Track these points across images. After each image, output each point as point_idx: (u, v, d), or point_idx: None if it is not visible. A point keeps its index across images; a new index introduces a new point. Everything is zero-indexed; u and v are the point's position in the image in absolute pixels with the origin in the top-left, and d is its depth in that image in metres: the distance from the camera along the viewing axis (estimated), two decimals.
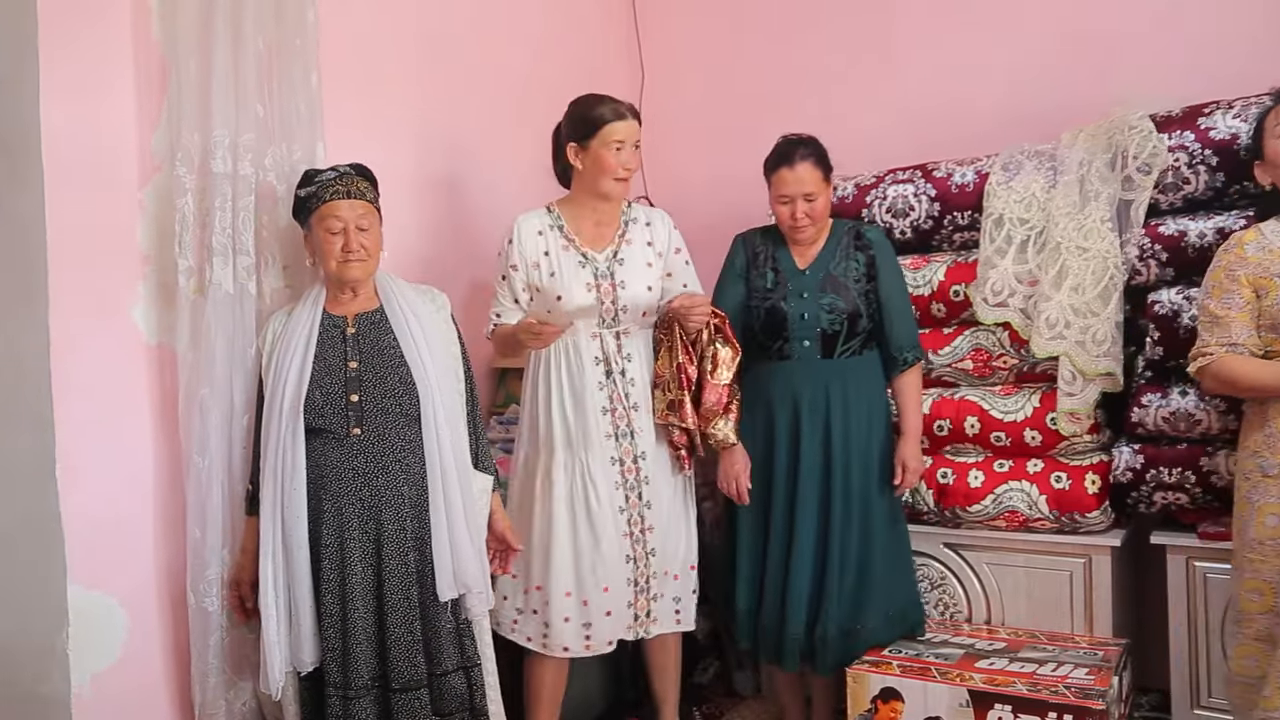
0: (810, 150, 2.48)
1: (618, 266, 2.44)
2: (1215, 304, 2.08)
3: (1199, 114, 2.47)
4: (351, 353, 2.08)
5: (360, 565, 2.02)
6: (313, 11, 2.28)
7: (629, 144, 2.39)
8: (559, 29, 3.40)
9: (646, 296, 2.44)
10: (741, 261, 2.60)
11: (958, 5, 3.17)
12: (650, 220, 2.54)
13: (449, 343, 2.22)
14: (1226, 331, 2.06)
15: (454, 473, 2.09)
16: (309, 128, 2.28)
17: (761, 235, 2.63)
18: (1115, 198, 2.51)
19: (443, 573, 2.06)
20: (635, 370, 2.43)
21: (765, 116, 3.46)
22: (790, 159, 2.46)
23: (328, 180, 2.11)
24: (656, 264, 2.49)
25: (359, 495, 2.04)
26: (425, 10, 2.85)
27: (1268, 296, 2.01)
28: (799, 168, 2.45)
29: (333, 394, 2.04)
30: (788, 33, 3.48)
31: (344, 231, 2.08)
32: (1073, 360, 2.46)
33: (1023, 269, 2.58)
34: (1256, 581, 2.01)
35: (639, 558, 2.41)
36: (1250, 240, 2.08)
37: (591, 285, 2.40)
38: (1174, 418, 2.37)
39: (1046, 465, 2.57)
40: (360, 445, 2.04)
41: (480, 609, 2.16)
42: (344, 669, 2.00)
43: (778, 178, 2.48)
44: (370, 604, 2.03)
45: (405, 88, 2.77)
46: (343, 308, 2.14)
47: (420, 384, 2.08)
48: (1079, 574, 2.52)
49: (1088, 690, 2.15)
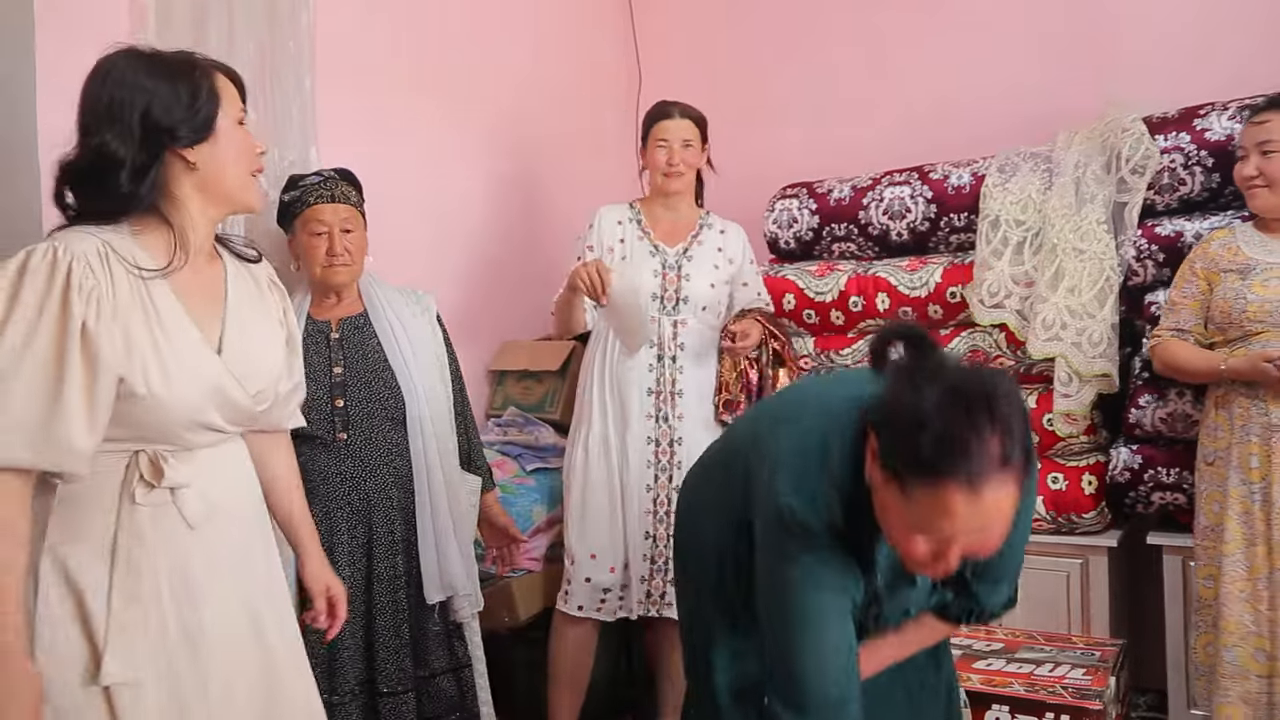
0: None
1: (685, 261, 2.54)
2: (1175, 292, 2.24)
3: (1194, 115, 2.48)
4: (336, 357, 2.08)
5: (349, 570, 2.02)
6: (307, 15, 2.29)
7: (674, 141, 2.50)
8: (555, 33, 3.40)
9: (709, 292, 2.52)
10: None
11: (954, 8, 3.18)
12: (725, 230, 2.62)
13: (435, 345, 2.22)
14: (1177, 318, 2.21)
15: (440, 476, 2.10)
16: (302, 132, 2.28)
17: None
18: (1111, 199, 2.52)
19: (429, 576, 2.07)
20: (686, 359, 2.49)
21: (762, 119, 3.48)
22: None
23: (312, 184, 2.11)
24: (725, 268, 2.57)
25: (348, 499, 2.04)
26: (420, 13, 2.85)
27: (1215, 290, 2.14)
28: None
29: (318, 399, 2.03)
30: (784, 36, 3.48)
31: (328, 235, 2.08)
32: (1069, 361, 2.46)
33: (1019, 270, 2.59)
34: (1209, 568, 2.12)
35: (659, 538, 2.45)
36: (1218, 238, 2.21)
37: (658, 272, 2.51)
38: (1171, 418, 2.38)
39: (1043, 466, 2.57)
40: (348, 450, 2.04)
41: (468, 611, 2.16)
42: (330, 675, 1.98)
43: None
44: (359, 608, 2.02)
45: (399, 92, 2.77)
46: (327, 312, 2.14)
47: (405, 388, 2.08)
48: (1076, 574, 2.52)
49: (1085, 690, 2.15)
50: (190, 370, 1.33)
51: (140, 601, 1.30)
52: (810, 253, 3.02)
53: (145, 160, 1.33)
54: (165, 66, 1.37)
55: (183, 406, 1.32)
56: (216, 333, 1.39)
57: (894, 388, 1.26)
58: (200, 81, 1.38)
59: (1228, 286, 2.11)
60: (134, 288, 1.30)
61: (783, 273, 2.96)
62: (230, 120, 1.40)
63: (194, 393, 1.33)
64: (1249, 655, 2.02)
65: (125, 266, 1.30)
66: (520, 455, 2.78)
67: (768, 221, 3.04)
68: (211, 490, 1.37)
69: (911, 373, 1.26)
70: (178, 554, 1.33)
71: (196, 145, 1.36)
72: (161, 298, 1.33)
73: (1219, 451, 2.11)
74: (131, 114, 1.33)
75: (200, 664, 1.34)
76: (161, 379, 1.29)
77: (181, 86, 1.36)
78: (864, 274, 2.82)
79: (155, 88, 1.34)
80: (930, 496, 1.17)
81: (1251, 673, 2.02)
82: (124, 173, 1.32)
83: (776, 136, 3.43)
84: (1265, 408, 2.03)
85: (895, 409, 1.23)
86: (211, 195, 1.39)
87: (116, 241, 1.31)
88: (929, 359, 1.31)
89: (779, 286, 2.91)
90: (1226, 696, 2.04)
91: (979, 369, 1.39)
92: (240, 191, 1.42)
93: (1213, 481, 2.13)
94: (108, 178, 1.32)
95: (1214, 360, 2.10)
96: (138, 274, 1.31)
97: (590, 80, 3.50)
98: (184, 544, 1.34)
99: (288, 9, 2.24)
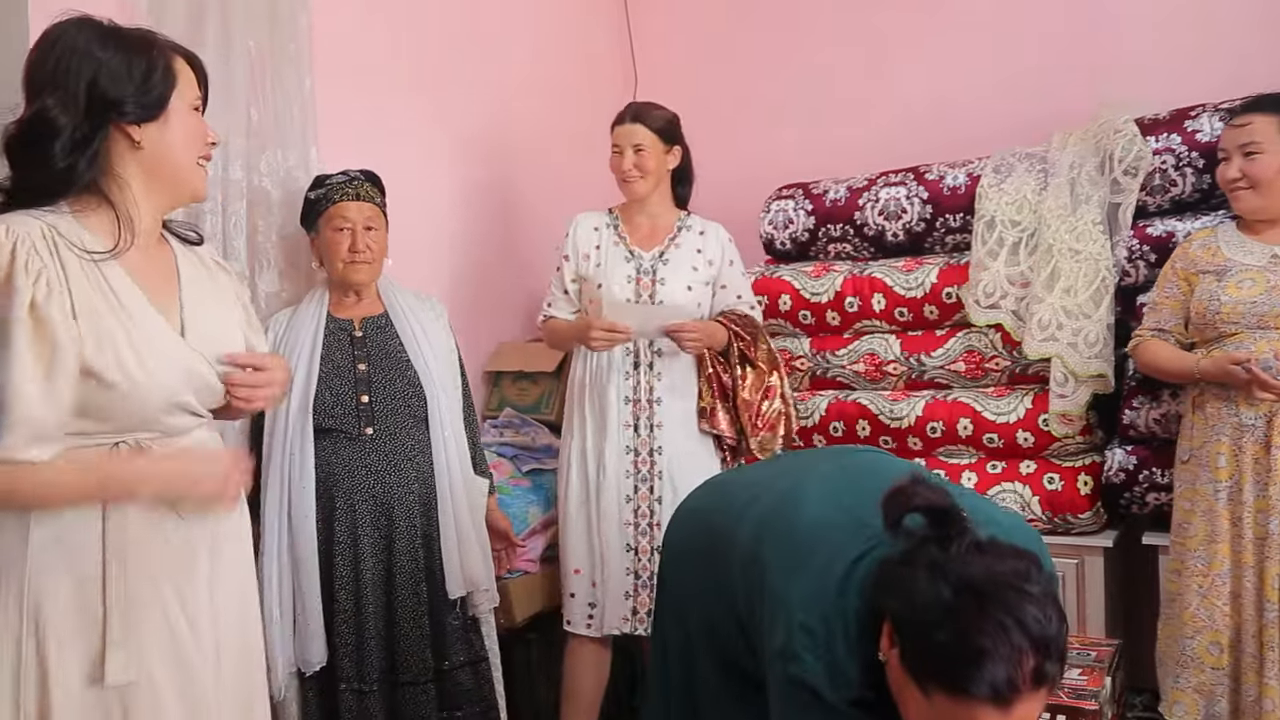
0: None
1: (661, 265, 2.48)
2: (1157, 292, 2.26)
3: (1185, 117, 2.49)
4: (360, 355, 2.11)
5: (372, 561, 2.06)
6: (305, 16, 2.28)
7: (626, 147, 2.44)
8: (551, 34, 3.39)
9: (684, 296, 2.46)
10: None
11: (950, 9, 3.18)
12: (705, 230, 2.56)
13: (449, 350, 2.26)
14: (1158, 317, 2.23)
15: (460, 474, 2.15)
16: (302, 132, 2.28)
17: None
18: (1105, 200, 2.53)
19: (452, 571, 2.11)
20: (664, 366, 2.44)
21: (758, 120, 3.48)
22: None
23: (337, 183, 2.15)
24: (703, 270, 2.51)
25: (372, 492, 2.07)
26: (417, 14, 2.84)
27: (1194, 290, 2.15)
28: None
29: (343, 395, 2.07)
30: (780, 37, 3.48)
31: (351, 231, 2.11)
32: (1065, 362, 2.47)
33: (1015, 271, 2.59)
34: (1176, 563, 2.17)
35: (642, 551, 2.41)
36: (1199, 238, 2.23)
37: (632, 278, 2.46)
38: (1165, 419, 2.39)
39: (1039, 466, 2.58)
40: (373, 444, 2.08)
41: (485, 606, 2.20)
42: (358, 663, 2.03)
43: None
44: (381, 599, 2.06)
45: (396, 93, 2.76)
46: (348, 310, 2.17)
47: (427, 387, 2.13)
48: (1071, 575, 2.53)
49: (1081, 691, 2.16)
50: (161, 353, 1.31)
51: (137, 598, 1.29)
52: (806, 253, 3.02)
53: (87, 131, 1.28)
54: (120, 39, 1.33)
55: (161, 390, 1.30)
56: (176, 315, 1.37)
57: (914, 579, 1.13)
58: (156, 59, 1.34)
59: (1204, 288, 2.13)
60: (86, 272, 1.26)
61: (778, 274, 2.96)
62: (185, 104, 1.37)
63: (169, 375, 1.31)
64: (1204, 648, 2.08)
65: (74, 251, 1.26)
66: (516, 456, 2.78)
67: (763, 222, 3.04)
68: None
69: (934, 564, 1.13)
70: (171, 546, 1.32)
71: (144, 124, 1.32)
72: (118, 281, 1.30)
73: (1193, 450, 2.14)
74: (77, 81, 1.28)
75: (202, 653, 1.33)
76: (137, 364, 1.27)
77: (135, 61, 1.32)
78: (860, 275, 2.83)
79: (106, 58, 1.30)
80: (953, 711, 1.08)
81: (1206, 665, 2.07)
82: (60, 142, 1.27)
83: (772, 137, 3.43)
84: (1235, 408, 2.05)
85: (916, 607, 1.11)
86: (156, 178, 1.35)
87: (60, 225, 1.27)
88: (953, 541, 1.15)
89: (775, 287, 2.92)
90: (1178, 683, 2.11)
91: (1009, 553, 1.15)
92: (186, 176, 1.38)
93: (1185, 480, 2.16)
94: (44, 146, 1.26)
95: (1188, 361, 2.12)
96: (87, 257, 1.27)
97: (586, 81, 3.50)
98: (176, 535, 1.33)
99: (287, 10, 2.24)
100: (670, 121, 2.51)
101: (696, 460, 2.44)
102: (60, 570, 1.26)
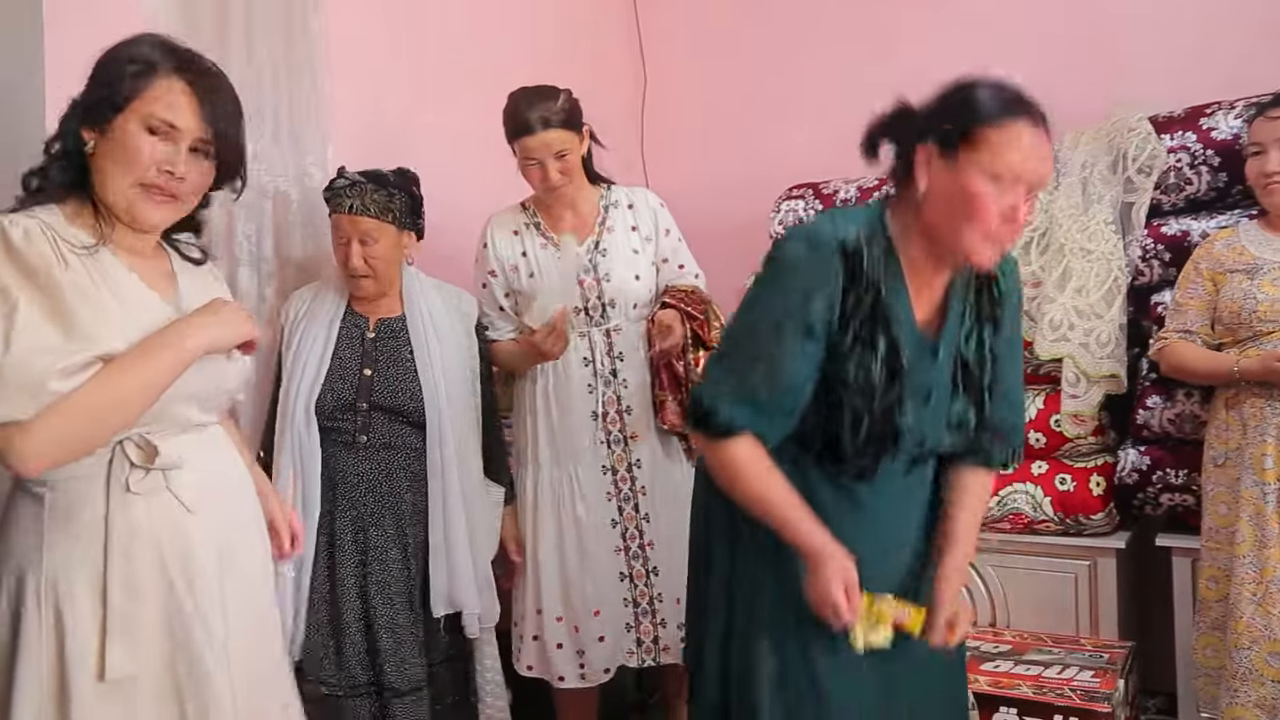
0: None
1: (600, 258, 2.24)
2: (1180, 293, 2.23)
3: (1200, 114, 2.47)
4: (368, 359, 2.08)
5: (351, 567, 2.04)
6: (317, 20, 2.31)
7: (545, 157, 2.18)
8: (561, 32, 3.39)
9: (634, 287, 2.25)
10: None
11: (959, 8, 3.16)
12: (633, 201, 2.32)
13: (468, 355, 2.18)
14: (1183, 319, 2.19)
15: (457, 489, 2.07)
16: (319, 131, 2.31)
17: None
18: (1118, 200, 2.51)
19: (436, 587, 2.04)
20: (628, 371, 2.24)
21: (767, 119, 3.47)
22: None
23: (339, 189, 2.08)
24: (644, 250, 2.28)
25: (371, 495, 2.05)
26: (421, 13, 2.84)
27: (1221, 290, 2.12)
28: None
29: (344, 397, 2.05)
30: (789, 35, 3.48)
31: (346, 246, 2.07)
32: (1077, 362, 2.46)
33: (1026, 271, 2.58)
34: (1213, 569, 2.11)
35: (637, 576, 2.24)
36: (1222, 238, 2.19)
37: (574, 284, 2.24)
38: (1179, 419, 2.37)
39: (1051, 467, 2.56)
40: (368, 451, 2.06)
41: (474, 629, 2.11)
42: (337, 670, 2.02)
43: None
44: (358, 608, 2.04)
45: (402, 92, 2.77)
46: (367, 307, 2.14)
47: (429, 400, 2.06)
48: (1084, 576, 2.52)
49: (1093, 693, 2.15)
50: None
51: (141, 594, 1.29)
52: None
53: (67, 127, 1.33)
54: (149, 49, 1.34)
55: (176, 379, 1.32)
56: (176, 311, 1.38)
57: (940, 94, 1.54)
58: (124, 68, 1.31)
59: (1235, 286, 2.10)
60: (88, 268, 1.28)
61: None
62: (137, 123, 1.29)
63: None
64: (1262, 659, 1.99)
65: (70, 246, 1.28)
66: None
67: (774, 223, 3.04)
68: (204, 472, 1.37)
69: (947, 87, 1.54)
70: (178, 540, 1.32)
71: (90, 129, 1.31)
72: (119, 274, 1.32)
73: (1229, 452, 2.09)
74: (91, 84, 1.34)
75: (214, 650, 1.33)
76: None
77: (111, 67, 1.32)
78: None
79: (105, 61, 1.33)
80: (1000, 135, 1.41)
81: (1267, 678, 1.98)
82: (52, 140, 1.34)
83: (782, 137, 3.42)
84: (1279, 408, 2.01)
85: (952, 98, 1.51)
86: (102, 190, 1.32)
87: (56, 224, 1.29)
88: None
89: None
90: (1236, 698, 2.02)
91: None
92: (116, 199, 1.31)
93: (1221, 483, 2.11)
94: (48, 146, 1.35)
95: (1226, 362, 2.07)
96: (85, 252, 1.28)
97: (595, 79, 3.49)
98: (184, 529, 1.33)
99: (299, 15, 2.27)
100: (571, 105, 2.21)
101: (670, 464, 2.29)
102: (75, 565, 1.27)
